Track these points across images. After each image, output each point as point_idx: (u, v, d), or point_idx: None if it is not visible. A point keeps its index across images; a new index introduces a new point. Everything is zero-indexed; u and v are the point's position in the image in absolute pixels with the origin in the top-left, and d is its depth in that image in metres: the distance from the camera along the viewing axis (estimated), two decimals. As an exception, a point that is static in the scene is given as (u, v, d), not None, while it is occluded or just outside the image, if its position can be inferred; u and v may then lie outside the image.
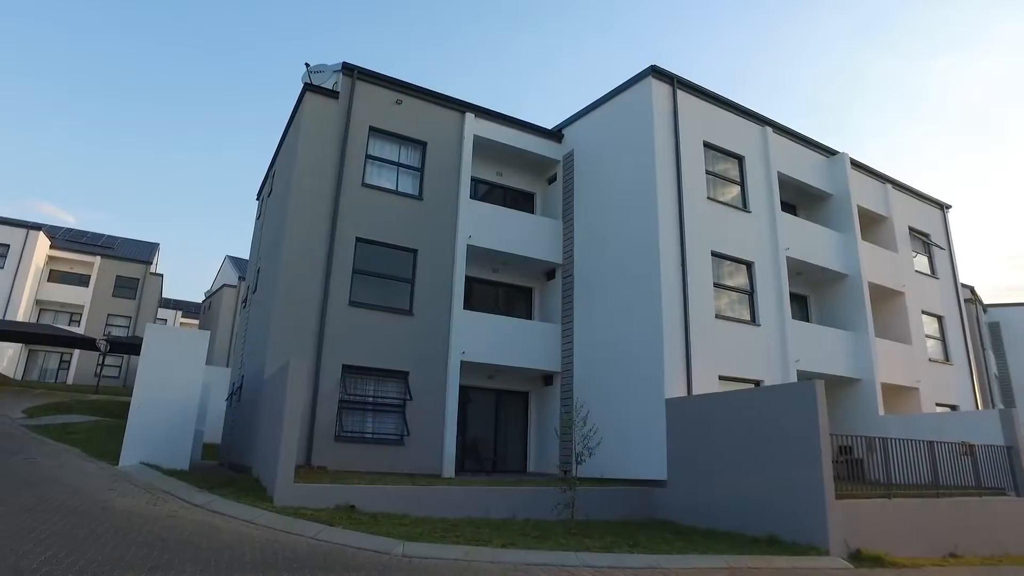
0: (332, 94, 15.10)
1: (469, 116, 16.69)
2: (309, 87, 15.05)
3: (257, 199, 21.30)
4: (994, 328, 36.05)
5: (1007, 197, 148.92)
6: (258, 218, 20.35)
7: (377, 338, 14.26)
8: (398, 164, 15.80)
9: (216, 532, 7.56)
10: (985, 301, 36.08)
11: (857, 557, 9.46)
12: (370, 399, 14.10)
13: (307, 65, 15.67)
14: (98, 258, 40.23)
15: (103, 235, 44.07)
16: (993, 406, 26.78)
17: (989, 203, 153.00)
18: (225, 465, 16.06)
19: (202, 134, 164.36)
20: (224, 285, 40.61)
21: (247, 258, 24.87)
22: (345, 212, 14.52)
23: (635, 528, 10.91)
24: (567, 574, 7.26)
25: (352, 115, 15.11)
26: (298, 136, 14.72)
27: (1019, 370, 35.34)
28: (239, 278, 37.41)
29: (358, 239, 14.65)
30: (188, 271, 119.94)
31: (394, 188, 15.55)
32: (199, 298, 53.89)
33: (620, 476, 13.38)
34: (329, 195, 14.44)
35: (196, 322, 49.81)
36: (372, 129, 15.47)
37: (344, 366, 13.81)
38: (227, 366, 28.26)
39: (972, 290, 31.57)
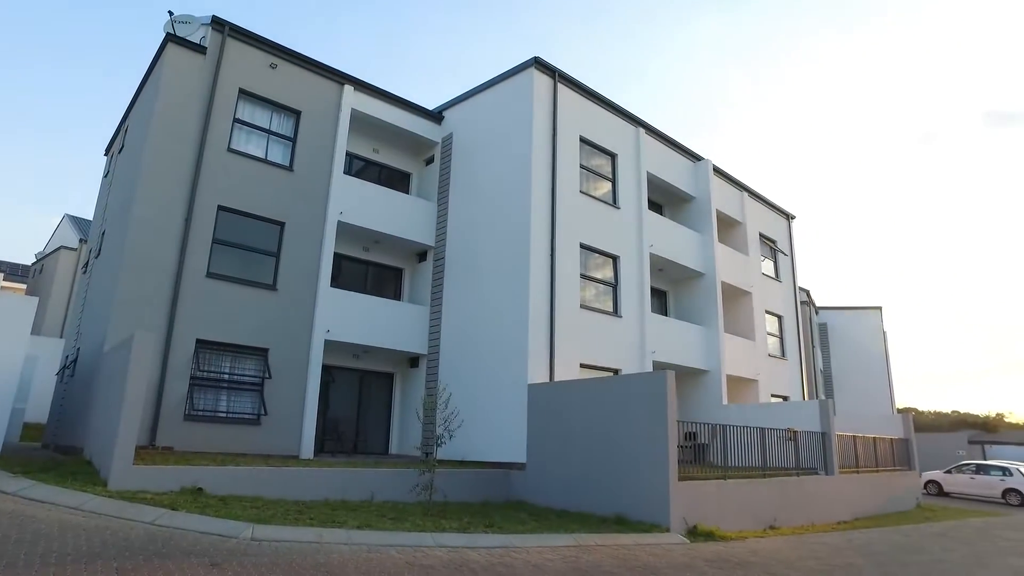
0: (199, 49, 14.00)
1: (348, 88, 16.12)
2: (172, 38, 13.84)
3: (106, 155, 19.38)
4: (823, 329, 40.31)
5: (851, 212, 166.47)
6: (105, 176, 18.54)
7: (236, 312, 13.52)
8: (269, 131, 14.97)
9: (31, 522, 6.80)
10: (817, 304, 40.23)
11: (694, 532, 10.26)
12: (226, 376, 13.36)
13: (170, 13, 14.38)
14: None
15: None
16: (817, 398, 29.97)
17: (833, 216, 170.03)
18: (51, 447, 14.59)
19: (41, 77, 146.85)
20: (61, 247, 36.51)
21: (91, 219, 22.62)
22: (207, 177, 13.57)
23: (492, 509, 11.16)
24: (421, 555, 7.29)
25: (220, 74, 14.10)
26: (157, 91, 13.52)
27: (839, 366, 39.87)
28: (80, 240, 33.87)
29: (220, 207, 13.76)
30: (16, 229, 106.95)
31: (263, 157, 14.73)
32: (29, 259, 48.19)
33: (482, 459, 13.62)
34: (189, 158, 13.43)
35: (23, 286, 44.52)
36: (242, 92, 14.54)
37: (198, 341, 12.99)
38: (61, 337, 25.61)
39: (808, 294, 35.02)
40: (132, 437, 9.24)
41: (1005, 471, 23.82)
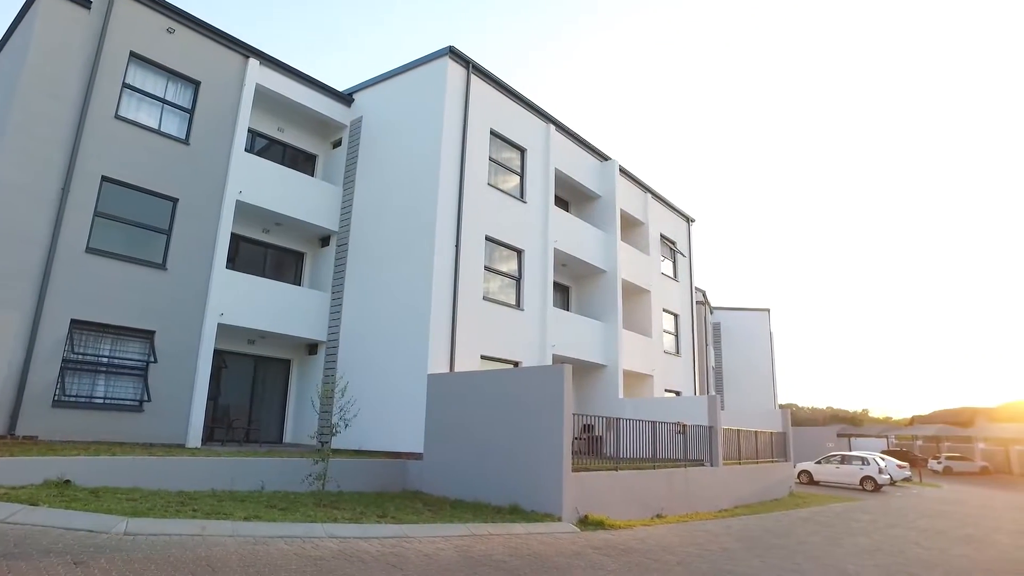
0: (82, 2, 12.88)
1: (253, 62, 15.38)
2: (50, -14, 12.65)
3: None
4: (716, 328, 42.56)
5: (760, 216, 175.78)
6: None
7: (120, 292, 12.64)
8: (163, 101, 14.04)
9: None
10: (712, 304, 42.42)
11: (585, 522, 10.59)
12: (104, 359, 12.47)
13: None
14: None
15: None
16: (708, 393, 31.64)
17: (729, 221, 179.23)
18: None
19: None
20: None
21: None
22: (90, 144, 12.56)
23: (387, 499, 11.05)
24: (311, 546, 7.13)
25: (108, 33, 13.04)
26: (30, 43, 12.25)
27: (729, 363, 42.30)
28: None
29: (104, 178, 12.78)
30: None
31: (156, 127, 13.80)
32: None
33: (379, 448, 13.48)
34: (68, 121, 12.36)
35: None
36: (134, 55, 13.54)
37: (73, 321, 12.03)
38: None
39: (703, 294, 36.83)
40: (-13, 424, 8.46)
41: (863, 460, 26.29)
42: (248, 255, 16.14)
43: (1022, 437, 43.16)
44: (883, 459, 27.89)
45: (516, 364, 15.81)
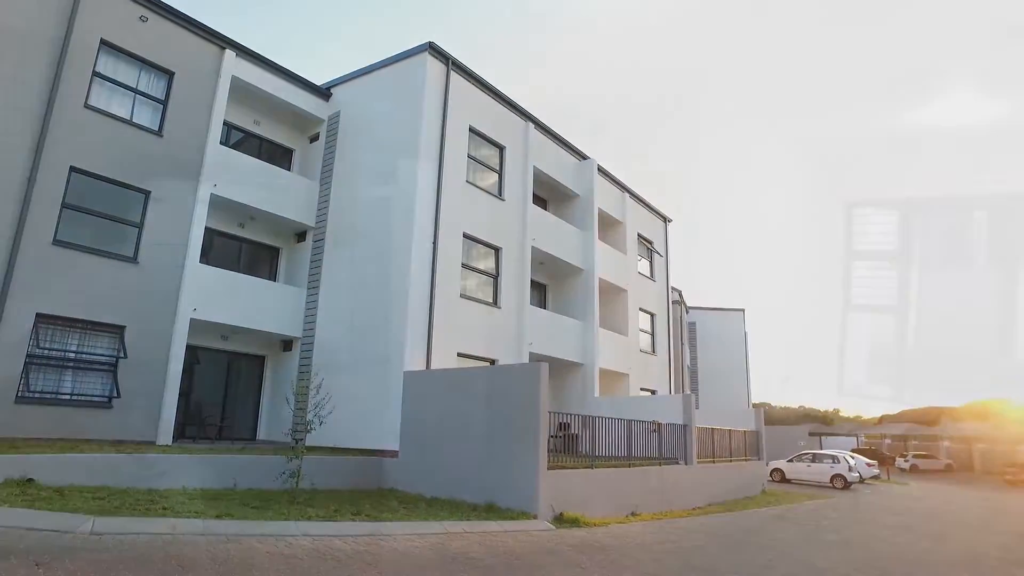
0: (50, -13, 12.55)
1: (229, 54, 15.13)
2: (12, -29, 12.30)
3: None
4: (691, 327, 42.99)
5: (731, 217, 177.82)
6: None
7: (89, 285, 12.37)
8: (136, 91, 13.75)
9: None
10: (688, 304, 42.83)
11: (560, 519, 10.62)
12: (72, 355, 12.19)
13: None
14: None
15: None
16: (683, 392, 31.93)
17: (706, 221, 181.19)
18: None
19: None
20: None
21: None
22: (58, 134, 12.24)
23: (362, 497, 10.99)
24: (284, 544, 7.06)
25: (77, 20, 12.71)
26: (-11, 27, 11.92)
27: (705, 362, 42.74)
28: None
29: (73, 168, 12.47)
30: None
31: (128, 118, 13.51)
32: None
33: (354, 446, 13.38)
34: (34, 110, 12.01)
35: None
36: (105, 43, 13.22)
37: (39, 315, 11.73)
38: None
39: (679, 293, 37.14)
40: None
41: (833, 459, 26.72)
42: (222, 250, 15.89)
43: (984, 436, 44.26)
44: (853, 457, 28.38)
45: (493, 362, 15.80)
